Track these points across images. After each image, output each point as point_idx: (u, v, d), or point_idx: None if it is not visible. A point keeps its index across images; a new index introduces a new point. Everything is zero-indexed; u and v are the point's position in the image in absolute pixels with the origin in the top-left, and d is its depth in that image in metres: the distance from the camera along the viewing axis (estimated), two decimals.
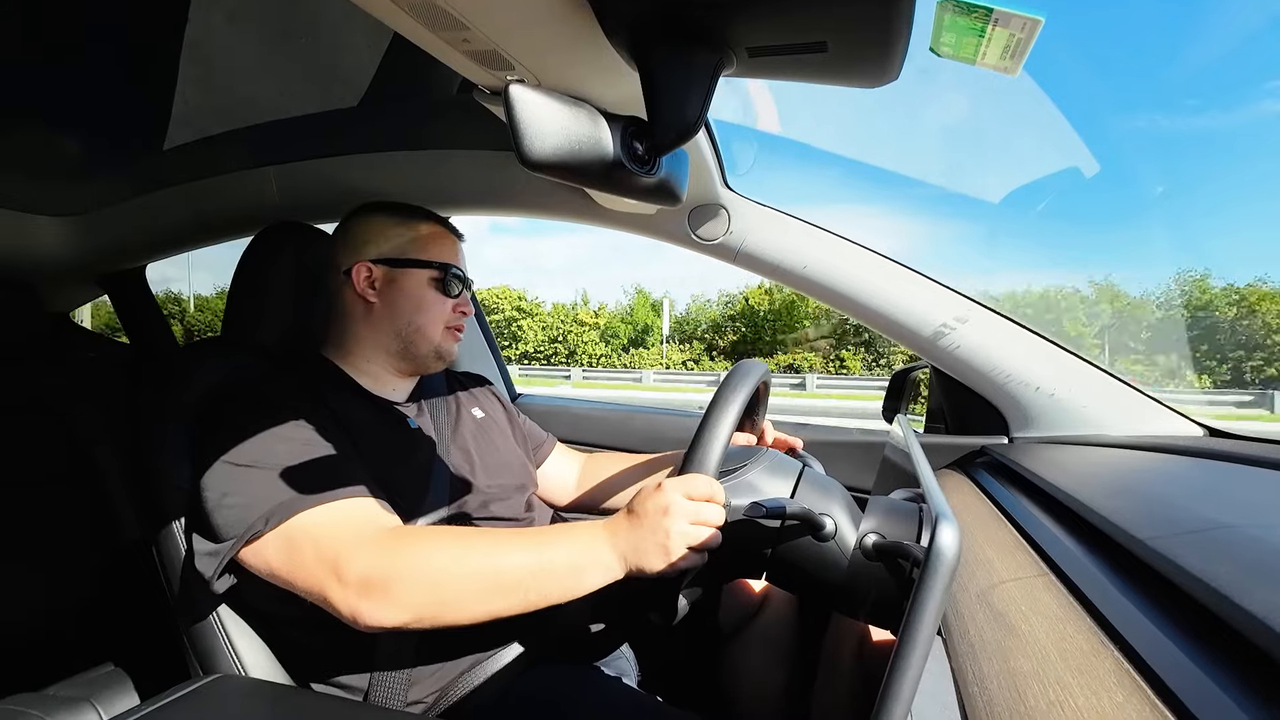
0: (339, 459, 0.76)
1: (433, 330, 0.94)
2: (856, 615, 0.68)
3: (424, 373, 0.99)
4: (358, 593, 0.64)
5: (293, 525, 0.68)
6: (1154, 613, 0.42)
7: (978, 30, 0.60)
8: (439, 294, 0.94)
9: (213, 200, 1.37)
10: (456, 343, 0.97)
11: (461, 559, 0.65)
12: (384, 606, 0.63)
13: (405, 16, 0.51)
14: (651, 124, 0.50)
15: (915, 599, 0.35)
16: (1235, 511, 0.55)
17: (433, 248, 0.95)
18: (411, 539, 0.67)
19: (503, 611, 0.65)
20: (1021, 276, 66.42)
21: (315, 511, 0.68)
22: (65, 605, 1.08)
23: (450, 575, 0.64)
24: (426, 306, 0.93)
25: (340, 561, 0.65)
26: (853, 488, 0.83)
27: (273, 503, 0.68)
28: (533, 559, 0.65)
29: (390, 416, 0.92)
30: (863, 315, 1.15)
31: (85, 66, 1.04)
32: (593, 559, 0.65)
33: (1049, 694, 0.37)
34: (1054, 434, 1.09)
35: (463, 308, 0.97)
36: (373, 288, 0.92)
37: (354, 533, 0.67)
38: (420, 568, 0.64)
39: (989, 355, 1.10)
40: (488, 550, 0.66)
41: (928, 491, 0.44)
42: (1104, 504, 0.60)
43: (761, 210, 1.14)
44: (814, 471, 0.76)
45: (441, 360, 0.96)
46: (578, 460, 1.22)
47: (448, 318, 0.95)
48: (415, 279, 0.93)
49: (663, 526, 0.64)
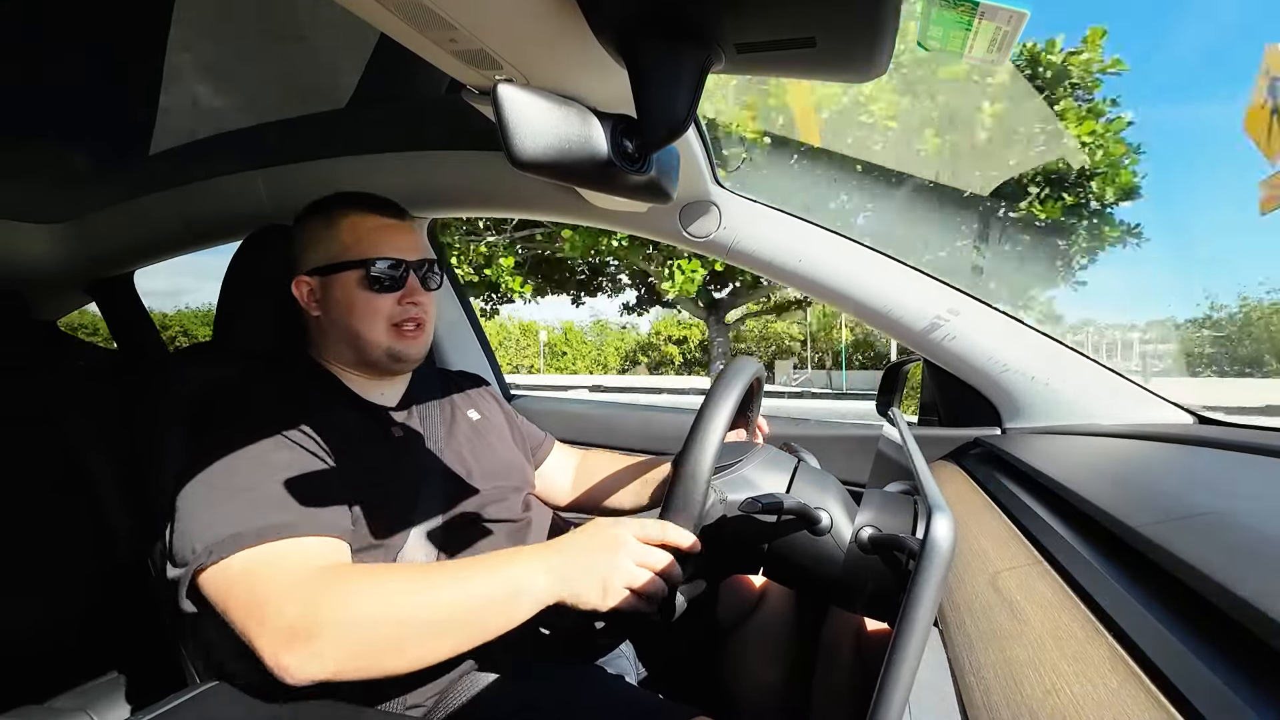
0: (303, 484, 0.73)
1: (373, 333, 0.87)
2: (853, 608, 0.69)
3: (397, 375, 0.95)
4: (284, 644, 0.60)
5: (231, 564, 0.65)
6: (1147, 599, 0.43)
7: (964, 24, 0.60)
8: (370, 293, 0.86)
9: (201, 204, 1.36)
10: (414, 341, 0.89)
11: (391, 605, 0.62)
12: (309, 659, 0.60)
13: (391, 17, 0.51)
14: (641, 122, 0.50)
15: (911, 590, 0.35)
16: (1225, 498, 0.56)
17: (356, 243, 0.87)
18: (341, 584, 0.64)
19: (443, 654, 0.63)
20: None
21: (255, 552, 0.65)
22: (66, 615, 1.08)
23: (379, 623, 0.61)
24: (359, 310, 0.86)
25: (267, 610, 0.62)
26: (848, 481, 0.84)
27: (216, 537, 0.66)
28: (464, 597, 0.63)
29: (378, 422, 0.89)
30: (856, 310, 1.15)
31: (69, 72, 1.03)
32: (526, 587, 0.64)
33: (1045, 681, 0.38)
34: (1046, 424, 1.10)
35: (409, 299, 0.88)
36: (315, 301, 0.89)
37: (289, 578, 0.64)
38: (347, 618, 0.61)
39: (981, 347, 1.11)
40: (419, 593, 0.63)
41: (922, 484, 0.44)
42: (1096, 492, 0.61)
43: (753, 206, 1.14)
44: (809, 466, 0.76)
45: (400, 362, 0.89)
46: (575, 457, 1.20)
47: (390, 314, 0.87)
48: (343, 283, 0.86)
49: (607, 562, 0.64)
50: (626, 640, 0.99)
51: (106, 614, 1.11)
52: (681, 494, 0.64)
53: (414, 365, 0.93)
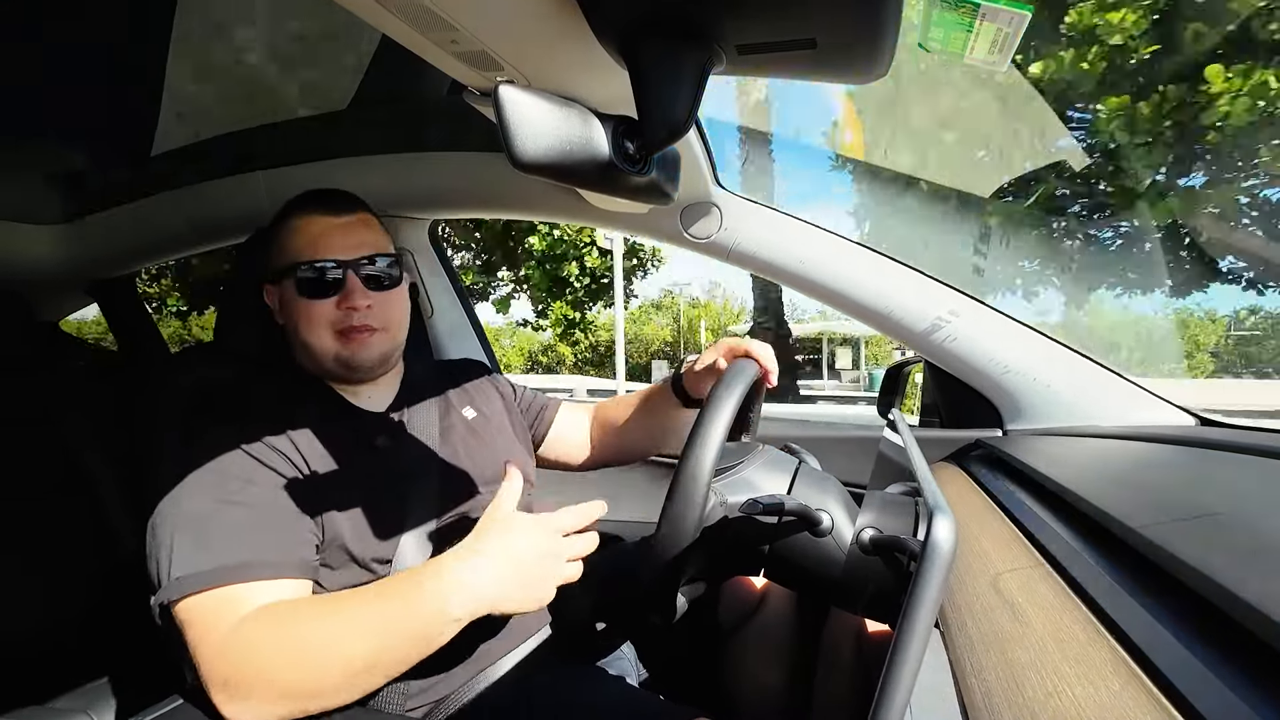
0: (271, 510, 0.72)
1: (317, 341, 0.82)
2: (854, 609, 0.69)
3: (365, 381, 0.89)
4: (222, 697, 0.61)
5: (181, 607, 0.65)
6: (1149, 601, 0.43)
7: (965, 25, 0.60)
8: (305, 298, 0.81)
9: (203, 205, 1.36)
10: (363, 345, 0.83)
11: (311, 655, 0.62)
12: (244, 711, 0.61)
13: (393, 18, 0.51)
14: (642, 123, 0.50)
15: (912, 592, 0.35)
16: (1227, 499, 0.56)
17: (292, 247, 0.83)
18: (267, 637, 0.63)
19: (369, 686, 0.64)
20: None
21: (200, 599, 0.65)
22: (66, 616, 1.08)
23: (305, 676, 0.62)
24: (300, 317, 0.82)
25: (202, 664, 0.63)
26: (849, 483, 0.84)
27: (172, 575, 0.66)
28: (382, 637, 0.63)
29: (364, 430, 0.86)
30: (857, 311, 1.15)
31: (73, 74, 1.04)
32: (445, 614, 0.64)
33: (1047, 684, 0.38)
34: (1048, 425, 1.10)
35: (348, 304, 0.81)
36: (278, 309, 0.87)
37: (220, 632, 0.64)
38: (271, 674, 0.62)
39: (982, 349, 1.11)
40: (339, 639, 0.63)
41: (923, 485, 0.44)
42: (1098, 494, 0.61)
43: (753, 207, 1.14)
44: (810, 467, 0.76)
45: (353, 370, 0.84)
46: (587, 413, 1.13)
47: (331, 320, 0.82)
48: (287, 291, 0.83)
49: (528, 567, 0.65)
50: (627, 641, 0.99)
51: (107, 614, 1.11)
52: (681, 497, 0.64)
53: (376, 371, 0.88)
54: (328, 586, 0.76)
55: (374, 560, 0.78)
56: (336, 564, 0.77)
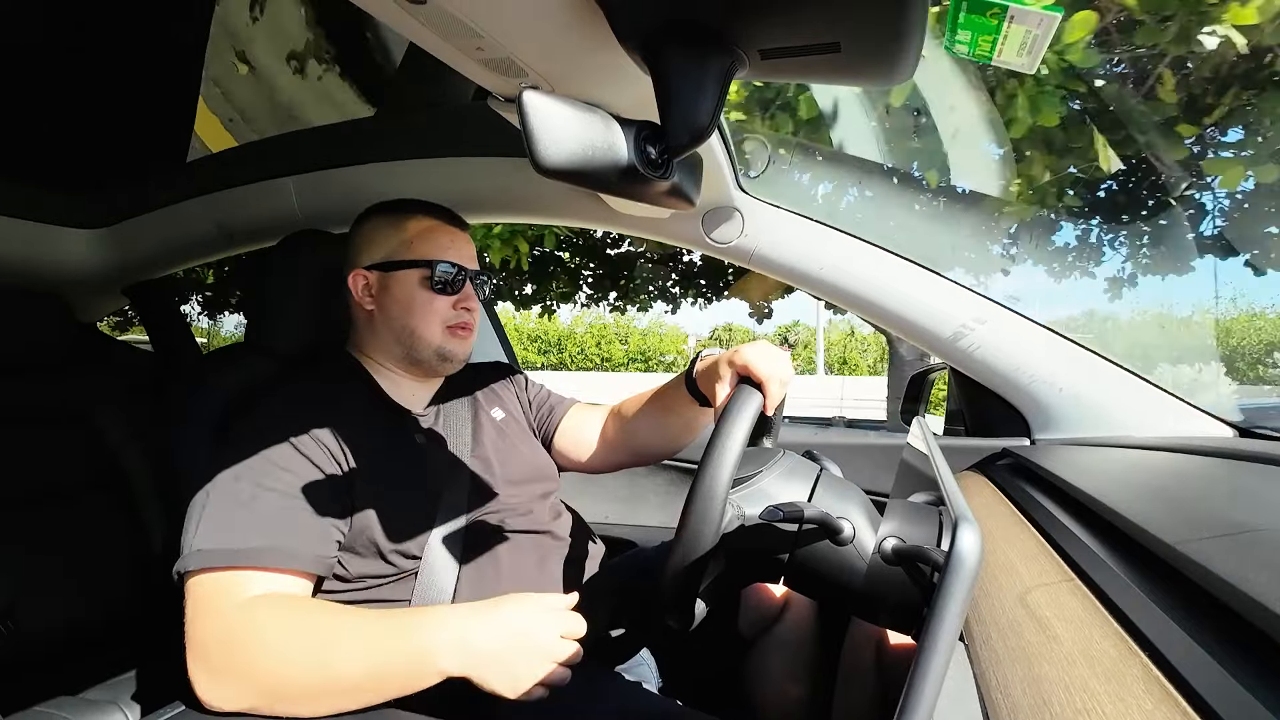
0: (299, 504, 0.74)
1: (428, 332, 0.91)
2: (876, 620, 0.68)
3: (438, 376, 0.98)
4: (202, 674, 0.65)
5: (195, 582, 0.68)
6: (1184, 618, 0.41)
7: (993, 27, 0.59)
8: (430, 293, 0.90)
9: (235, 211, 1.40)
10: (463, 342, 0.94)
11: (296, 664, 0.64)
12: (220, 697, 0.64)
13: (420, 26, 0.52)
14: (664, 127, 0.50)
15: (936, 604, 0.34)
16: (1269, 514, 0.54)
17: (422, 245, 0.91)
18: (262, 633, 0.66)
19: (341, 708, 0.65)
20: None
21: (215, 576, 0.68)
22: (99, 610, 1.11)
23: (285, 681, 0.64)
24: (418, 308, 0.90)
25: (195, 640, 0.66)
26: (871, 491, 0.83)
27: (195, 547, 0.69)
28: (369, 664, 0.64)
29: (402, 427, 0.91)
30: (880, 317, 1.14)
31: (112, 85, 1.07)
32: (434, 664, 0.64)
33: (1075, 701, 0.37)
34: (1077, 435, 1.07)
35: (464, 304, 0.93)
36: (370, 295, 0.92)
37: (225, 613, 0.67)
38: (255, 671, 0.64)
39: (1009, 356, 1.08)
40: (327, 657, 0.65)
41: (948, 494, 0.43)
42: (1131, 507, 0.59)
43: (776, 212, 1.13)
44: (831, 474, 0.75)
45: (448, 362, 0.93)
46: (601, 413, 1.11)
47: (445, 316, 0.91)
48: (405, 281, 0.90)
49: (522, 657, 0.66)
50: (646, 649, 0.99)
51: (138, 609, 1.14)
52: (697, 514, 0.63)
53: (457, 367, 0.96)
54: (350, 572, 0.78)
55: (400, 554, 0.80)
56: (365, 552, 0.79)
